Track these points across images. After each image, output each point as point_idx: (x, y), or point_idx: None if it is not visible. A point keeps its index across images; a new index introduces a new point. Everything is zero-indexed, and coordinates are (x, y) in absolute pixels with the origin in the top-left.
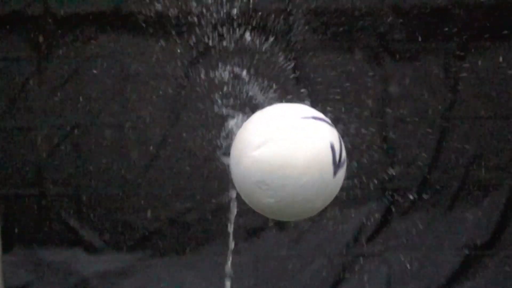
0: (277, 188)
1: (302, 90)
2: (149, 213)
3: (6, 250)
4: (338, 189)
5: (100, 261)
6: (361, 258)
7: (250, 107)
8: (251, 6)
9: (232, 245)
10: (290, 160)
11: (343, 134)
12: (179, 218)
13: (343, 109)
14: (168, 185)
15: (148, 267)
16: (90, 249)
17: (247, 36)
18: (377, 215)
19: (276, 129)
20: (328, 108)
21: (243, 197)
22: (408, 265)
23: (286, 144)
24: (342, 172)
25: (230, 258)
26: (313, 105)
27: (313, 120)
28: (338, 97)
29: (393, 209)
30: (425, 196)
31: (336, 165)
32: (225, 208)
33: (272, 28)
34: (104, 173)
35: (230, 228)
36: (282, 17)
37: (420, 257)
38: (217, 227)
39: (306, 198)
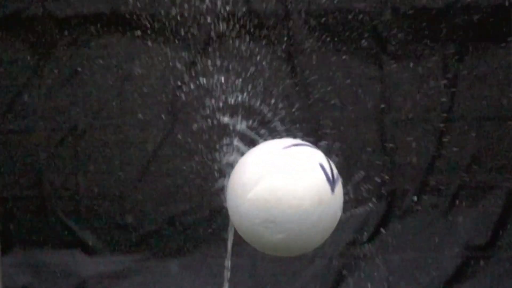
0: (283, 221)
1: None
2: (147, 215)
3: (4, 251)
4: (340, 207)
5: (98, 262)
6: (360, 259)
7: (249, 108)
8: (249, 7)
9: (230, 246)
10: (286, 190)
11: (342, 135)
12: (178, 220)
13: (342, 110)
14: (166, 186)
15: (147, 268)
16: (88, 250)
17: (245, 37)
18: (376, 216)
19: (263, 166)
20: (327, 109)
21: (249, 241)
22: (407, 267)
23: (276, 176)
24: (339, 189)
25: (229, 260)
26: (312, 106)
27: (294, 147)
28: (337, 98)
29: (392, 210)
30: (424, 197)
31: (331, 182)
32: (224, 210)
33: (270, 29)
34: (103, 174)
35: (229, 230)
36: (280, 18)
37: (419, 258)
38: (215, 228)
39: (312, 222)
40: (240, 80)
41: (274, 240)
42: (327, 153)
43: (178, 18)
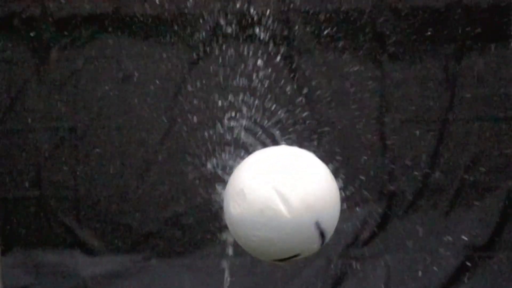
0: (242, 198)
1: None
2: (147, 215)
3: (5, 251)
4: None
5: (98, 263)
6: (360, 260)
7: (249, 108)
8: (248, 8)
9: (230, 246)
10: (267, 178)
11: (342, 136)
12: (177, 220)
13: (342, 111)
14: (166, 186)
15: (147, 268)
16: (88, 251)
17: (245, 38)
18: (376, 216)
19: (271, 164)
20: (327, 110)
21: (224, 212)
22: (407, 267)
23: (277, 173)
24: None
25: (229, 260)
26: (312, 106)
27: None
28: (337, 98)
29: (392, 210)
30: (424, 197)
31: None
32: (223, 210)
33: (270, 29)
34: (103, 175)
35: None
36: (279, 18)
37: (419, 258)
38: (215, 228)
39: (267, 212)
40: (240, 80)
41: (232, 213)
42: (328, 154)
43: (178, 18)
